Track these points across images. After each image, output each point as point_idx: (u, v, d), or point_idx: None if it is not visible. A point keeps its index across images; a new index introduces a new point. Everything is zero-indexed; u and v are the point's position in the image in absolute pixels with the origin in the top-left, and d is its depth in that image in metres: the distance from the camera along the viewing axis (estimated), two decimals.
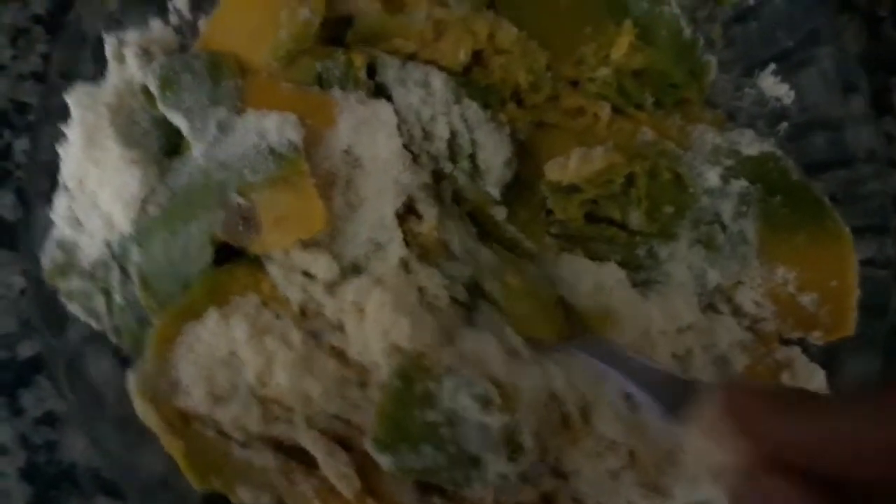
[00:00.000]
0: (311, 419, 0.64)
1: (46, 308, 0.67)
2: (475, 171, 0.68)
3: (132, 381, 0.63)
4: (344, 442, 0.64)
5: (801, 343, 0.69)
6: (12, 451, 0.72)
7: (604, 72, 0.71)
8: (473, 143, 0.67)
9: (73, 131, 0.66)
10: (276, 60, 0.66)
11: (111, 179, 0.65)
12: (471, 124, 0.67)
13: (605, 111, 0.71)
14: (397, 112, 0.66)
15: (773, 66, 0.75)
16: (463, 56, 0.68)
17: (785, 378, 0.67)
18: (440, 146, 0.67)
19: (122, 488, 0.66)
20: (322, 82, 0.67)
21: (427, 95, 0.66)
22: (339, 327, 0.65)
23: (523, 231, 0.69)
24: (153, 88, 0.66)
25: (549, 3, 0.72)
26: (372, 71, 0.68)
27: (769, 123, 0.75)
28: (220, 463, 0.61)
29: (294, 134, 0.63)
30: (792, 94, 0.74)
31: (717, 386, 0.50)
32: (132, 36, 0.69)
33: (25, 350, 0.75)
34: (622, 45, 0.70)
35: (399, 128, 0.65)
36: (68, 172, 0.66)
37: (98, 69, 0.69)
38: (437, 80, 0.67)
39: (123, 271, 0.65)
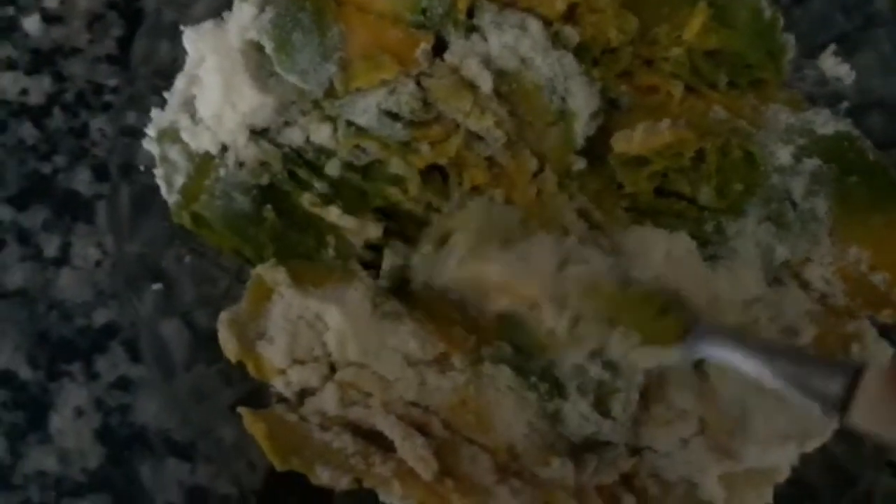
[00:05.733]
0: (387, 405, 0.57)
1: (130, 282, 0.61)
2: (563, 117, 0.62)
3: (223, 316, 0.58)
4: (420, 428, 0.57)
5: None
6: (88, 413, 0.66)
7: (677, 51, 0.63)
8: (566, 89, 0.61)
9: (210, 77, 0.60)
10: None
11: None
12: (566, 71, 0.61)
13: (677, 89, 0.63)
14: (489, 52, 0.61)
15: (833, 48, 0.67)
16: (560, 4, 0.62)
17: (855, 350, 0.59)
18: (539, 80, 0.61)
19: (190, 450, 0.65)
20: (425, 14, 0.61)
21: (522, 36, 0.60)
22: None
23: (594, 202, 0.63)
24: (269, 51, 0.60)
25: None
26: (470, 13, 0.62)
27: (829, 104, 0.66)
28: (300, 445, 0.55)
29: None
30: (853, 74, 0.67)
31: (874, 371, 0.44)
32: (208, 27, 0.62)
33: (100, 318, 0.68)
34: (694, 26, 0.63)
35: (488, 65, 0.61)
36: (207, 112, 0.60)
37: (174, 55, 0.64)
38: (534, 25, 0.61)
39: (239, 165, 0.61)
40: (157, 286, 0.61)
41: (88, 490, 0.65)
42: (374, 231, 0.61)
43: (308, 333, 0.58)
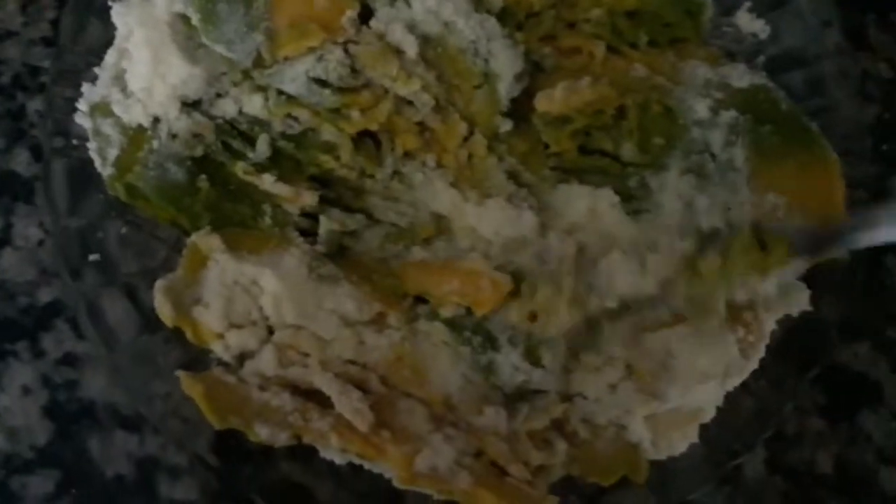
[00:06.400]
0: (325, 364, 0.58)
1: (68, 256, 0.61)
2: (487, 80, 0.62)
3: (159, 283, 0.58)
4: (358, 385, 0.58)
5: None
6: (35, 390, 0.66)
7: (597, 13, 0.64)
8: (489, 52, 0.61)
9: (139, 50, 0.59)
10: None
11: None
12: (488, 34, 0.61)
13: (599, 50, 0.64)
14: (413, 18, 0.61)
15: (748, 4, 0.69)
16: None
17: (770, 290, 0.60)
18: (462, 43, 0.61)
19: (139, 422, 0.64)
20: None
21: (445, 0, 0.60)
22: None
23: (522, 163, 0.63)
24: (196, 22, 0.60)
25: None
26: None
27: (747, 59, 0.68)
28: (238, 405, 0.55)
29: None
30: (768, 28, 0.68)
31: None
32: (136, 1, 0.61)
33: (44, 296, 0.68)
34: None
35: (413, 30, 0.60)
36: (137, 85, 0.60)
37: (105, 32, 0.63)
38: None
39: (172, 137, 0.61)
40: (94, 257, 0.60)
41: (38, 466, 0.64)
42: (309, 199, 0.61)
43: (244, 298, 0.58)
